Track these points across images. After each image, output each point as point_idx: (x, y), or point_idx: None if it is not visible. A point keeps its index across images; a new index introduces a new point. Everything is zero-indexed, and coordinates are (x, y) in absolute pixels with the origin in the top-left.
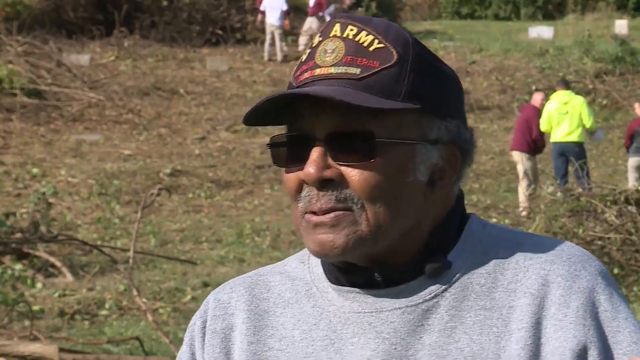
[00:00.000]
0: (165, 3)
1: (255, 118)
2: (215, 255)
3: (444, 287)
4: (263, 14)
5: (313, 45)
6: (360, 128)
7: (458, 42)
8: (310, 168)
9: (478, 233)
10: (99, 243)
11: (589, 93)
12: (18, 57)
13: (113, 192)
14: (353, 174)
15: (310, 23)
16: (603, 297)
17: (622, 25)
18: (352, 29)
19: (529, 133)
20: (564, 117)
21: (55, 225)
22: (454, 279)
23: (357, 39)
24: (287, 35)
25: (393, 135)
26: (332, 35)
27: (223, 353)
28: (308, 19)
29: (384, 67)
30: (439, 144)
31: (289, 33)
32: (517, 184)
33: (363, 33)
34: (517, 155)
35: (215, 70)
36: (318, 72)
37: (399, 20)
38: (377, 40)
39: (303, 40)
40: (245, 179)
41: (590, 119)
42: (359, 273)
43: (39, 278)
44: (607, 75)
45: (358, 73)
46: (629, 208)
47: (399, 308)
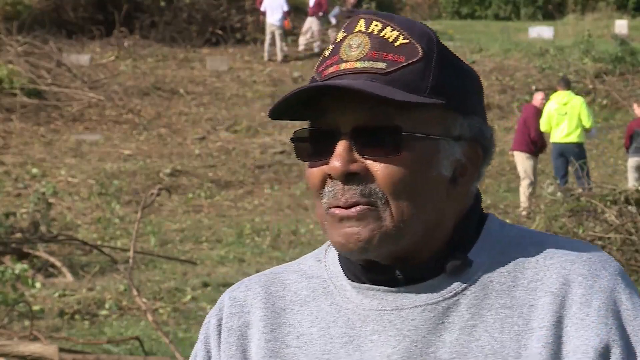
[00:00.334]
0: (164, 3)
1: (279, 112)
2: (215, 255)
3: (465, 285)
4: (263, 14)
5: (337, 41)
6: (387, 122)
7: (458, 42)
8: (336, 162)
9: (497, 232)
10: (99, 243)
11: (589, 93)
12: (18, 57)
13: (113, 192)
14: (379, 168)
15: (310, 23)
16: (624, 296)
17: (622, 25)
18: (376, 25)
19: (528, 133)
20: (563, 117)
21: (55, 225)
22: (475, 277)
23: (382, 35)
24: (287, 35)
25: (419, 130)
26: (356, 31)
27: (240, 351)
28: (308, 19)
29: (410, 62)
30: (462, 141)
31: (289, 33)
32: (517, 184)
33: (388, 29)
34: (517, 156)
35: (215, 70)
36: (343, 66)
37: None
38: (402, 36)
39: (303, 40)
40: (245, 179)
41: (590, 120)
42: (381, 271)
43: (39, 278)
44: (607, 75)
45: (384, 68)
46: (629, 208)
47: (420, 306)
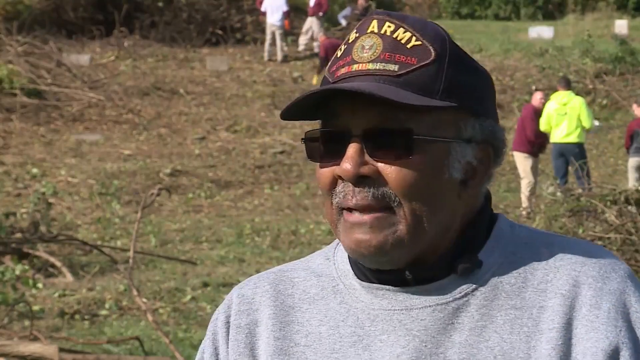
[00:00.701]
0: (161, 3)
1: (291, 113)
2: (215, 255)
3: (475, 286)
4: (263, 15)
5: (349, 41)
6: (399, 125)
7: (458, 42)
8: (347, 164)
9: (507, 233)
10: (99, 243)
11: (589, 93)
12: (18, 57)
13: (113, 192)
14: (390, 171)
15: (310, 23)
16: (634, 298)
17: (622, 25)
18: (389, 26)
19: (526, 133)
20: (563, 117)
21: (55, 225)
22: (485, 278)
23: (394, 36)
24: (287, 36)
25: (430, 133)
26: (369, 32)
27: (248, 348)
28: (308, 19)
29: (422, 64)
30: (473, 143)
31: (289, 33)
32: (517, 184)
33: (400, 30)
34: (516, 156)
35: (215, 70)
36: (356, 67)
37: None
38: (414, 38)
39: (303, 40)
40: (245, 179)
41: (589, 120)
42: (390, 272)
43: (39, 278)
44: (607, 75)
45: (396, 70)
46: (629, 208)
47: (430, 306)
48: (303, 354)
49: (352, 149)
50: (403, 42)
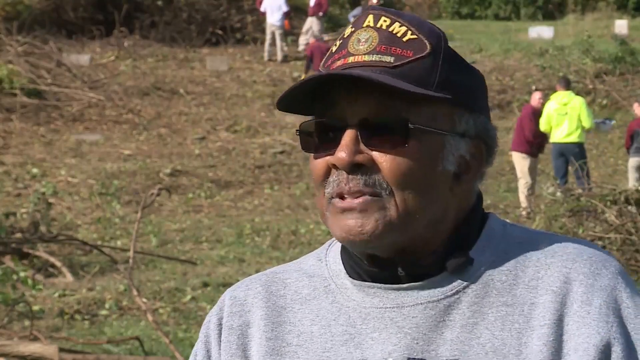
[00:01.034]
0: (161, 3)
1: (287, 104)
2: (215, 255)
3: (466, 283)
4: (263, 15)
5: (345, 36)
6: (395, 114)
7: (458, 42)
8: (342, 152)
9: (498, 231)
10: (99, 243)
11: (589, 93)
12: (18, 57)
13: (113, 192)
14: (384, 160)
15: (310, 23)
16: (625, 294)
17: (622, 25)
18: (385, 20)
19: (523, 133)
20: (563, 118)
21: (55, 225)
22: (476, 276)
23: (390, 30)
24: (287, 36)
25: (425, 124)
26: (365, 26)
27: (240, 349)
28: (308, 19)
29: (418, 57)
30: (467, 137)
31: (289, 33)
32: (517, 184)
33: (396, 24)
34: (514, 156)
35: (215, 70)
36: (351, 60)
37: None
38: (410, 32)
39: (303, 40)
40: (245, 179)
41: (589, 120)
42: (383, 267)
43: (40, 278)
44: (607, 75)
45: (392, 61)
46: (629, 208)
47: (421, 303)
48: (295, 354)
49: (347, 137)
50: (399, 35)
